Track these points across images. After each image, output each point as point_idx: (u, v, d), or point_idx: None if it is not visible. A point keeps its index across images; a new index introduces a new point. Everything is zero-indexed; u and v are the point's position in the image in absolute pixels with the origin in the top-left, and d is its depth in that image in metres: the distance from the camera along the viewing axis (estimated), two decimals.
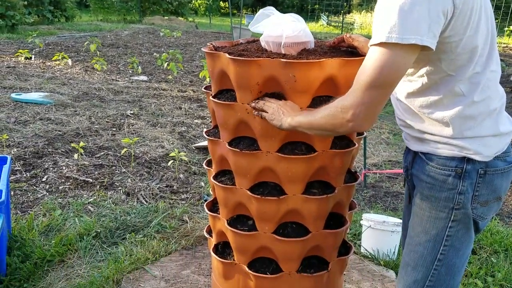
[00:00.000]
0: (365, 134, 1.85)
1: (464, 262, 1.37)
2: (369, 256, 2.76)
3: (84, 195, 3.42)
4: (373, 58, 1.13)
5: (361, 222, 2.84)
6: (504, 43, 13.24)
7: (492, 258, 2.73)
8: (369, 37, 1.65)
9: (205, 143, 4.47)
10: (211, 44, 1.76)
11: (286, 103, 1.46)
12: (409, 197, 1.50)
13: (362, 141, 3.84)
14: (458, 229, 1.33)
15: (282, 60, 1.45)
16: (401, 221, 2.12)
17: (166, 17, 19.50)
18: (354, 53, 1.64)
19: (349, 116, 1.19)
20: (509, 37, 13.92)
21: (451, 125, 1.26)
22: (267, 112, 1.46)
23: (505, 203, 3.66)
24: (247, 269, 1.71)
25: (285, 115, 1.41)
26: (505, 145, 1.30)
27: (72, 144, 4.04)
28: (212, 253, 1.85)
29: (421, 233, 1.37)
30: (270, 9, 1.67)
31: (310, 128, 1.34)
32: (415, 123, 1.34)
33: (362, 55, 1.59)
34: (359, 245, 2.85)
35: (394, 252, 2.71)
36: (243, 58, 1.48)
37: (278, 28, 1.58)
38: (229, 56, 1.51)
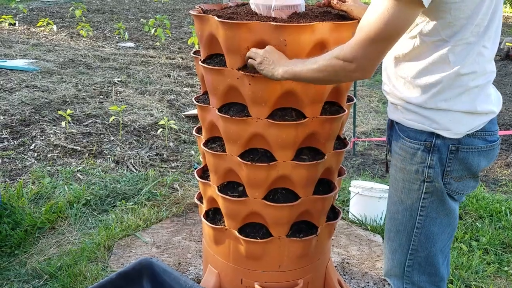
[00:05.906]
0: (354, 100, 1.84)
1: (443, 229, 1.38)
2: (357, 221, 2.81)
3: (73, 163, 3.40)
4: (378, 12, 1.11)
5: (350, 188, 2.88)
6: None
7: (477, 223, 2.79)
8: None
9: (194, 111, 4.43)
10: (200, 7, 1.72)
11: (272, 50, 1.41)
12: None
13: (352, 109, 3.84)
14: (432, 200, 1.34)
15: (273, 23, 1.42)
16: (388, 187, 2.15)
17: None
18: (345, 17, 1.61)
19: (352, 68, 1.19)
20: (505, 7, 13.76)
21: (429, 92, 1.25)
22: (255, 60, 1.42)
23: (491, 170, 3.72)
24: (237, 234, 1.73)
25: (275, 64, 1.38)
26: (480, 124, 1.27)
27: (59, 112, 3.99)
28: (203, 219, 1.86)
29: (397, 202, 1.40)
30: None
31: (307, 78, 1.33)
32: (395, 89, 1.33)
33: (353, 19, 1.57)
34: (347, 211, 2.90)
35: (381, 217, 2.76)
36: (233, 21, 1.45)
37: None
38: (218, 19, 1.47)
